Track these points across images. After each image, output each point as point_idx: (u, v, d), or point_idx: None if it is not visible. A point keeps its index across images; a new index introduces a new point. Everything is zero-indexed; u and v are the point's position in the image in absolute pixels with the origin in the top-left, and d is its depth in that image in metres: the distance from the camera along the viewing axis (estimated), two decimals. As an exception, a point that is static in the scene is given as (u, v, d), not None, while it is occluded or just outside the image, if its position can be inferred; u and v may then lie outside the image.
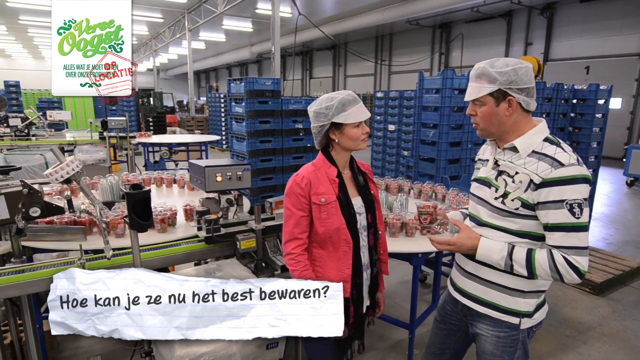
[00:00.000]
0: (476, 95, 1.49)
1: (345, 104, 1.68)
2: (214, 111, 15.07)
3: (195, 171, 2.74)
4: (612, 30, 12.97)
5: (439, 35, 18.32)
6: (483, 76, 1.47)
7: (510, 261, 1.45)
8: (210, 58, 29.47)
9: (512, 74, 1.43)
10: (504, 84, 1.44)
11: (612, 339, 3.39)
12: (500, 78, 1.44)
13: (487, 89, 1.46)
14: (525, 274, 1.44)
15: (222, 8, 13.16)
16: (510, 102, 1.46)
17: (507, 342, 1.58)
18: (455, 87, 4.01)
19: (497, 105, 1.47)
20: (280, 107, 4.65)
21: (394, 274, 4.38)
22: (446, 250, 1.59)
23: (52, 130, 8.14)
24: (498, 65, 1.45)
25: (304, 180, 1.71)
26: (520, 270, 1.45)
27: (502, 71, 1.44)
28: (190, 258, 2.43)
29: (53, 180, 2.00)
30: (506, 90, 1.45)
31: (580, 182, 1.36)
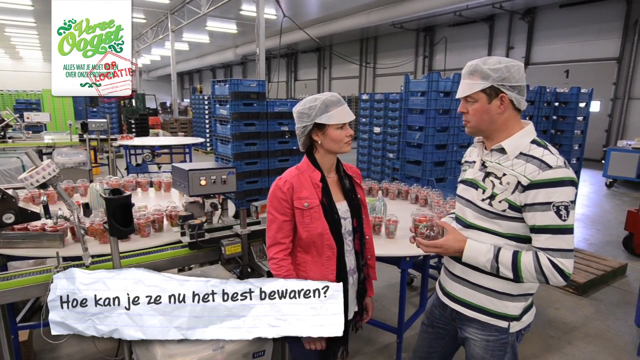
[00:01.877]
0: (469, 91, 1.49)
1: (328, 105, 1.66)
2: (198, 113, 14.91)
3: (178, 175, 2.68)
4: (591, 35, 13.29)
5: (423, 38, 18.51)
6: (476, 72, 1.47)
7: (497, 263, 1.45)
8: (194, 59, 29.19)
9: (505, 71, 1.43)
10: (496, 80, 1.44)
11: (596, 338, 3.43)
12: (494, 74, 1.44)
13: (480, 85, 1.46)
14: (511, 276, 1.44)
15: (206, 9, 13.05)
16: (503, 99, 1.46)
17: (497, 346, 1.57)
18: (441, 90, 4.02)
19: (490, 102, 1.47)
20: (265, 109, 4.59)
21: (381, 277, 4.34)
22: (433, 252, 1.57)
23: (29, 133, 7.93)
24: (491, 63, 1.45)
25: (287, 184, 1.68)
26: (506, 272, 1.44)
27: (495, 68, 1.44)
28: (174, 264, 2.36)
29: (28, 185, 1.92)
30: (499, 87, 1.44)
31: (567, 184, 1.37)
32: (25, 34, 20.52)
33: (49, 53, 27.10)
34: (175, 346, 1.72)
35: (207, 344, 1.76)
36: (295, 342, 1.74)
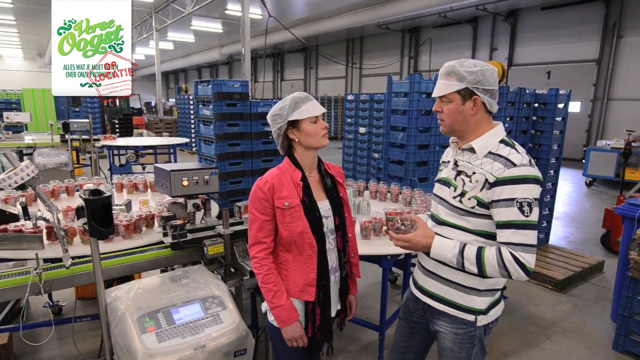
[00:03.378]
0: (444, 91, 1.54)
1: (297, 102, 1.71)
2: (183, 113, 14.79)
3: (160, 175, 2.67)
4: (571, 37, 13.57)
5: (408, 39, 18.67)
6: (452, 74, 1.52)
7: (462, 259, 1.50)
8: (179, 59, 28.93)
9: (479, 75, 1.49)
10: (471, 83, 1.49)
11: (574, 334, 3.53)
12: (469, 77, 1.49)
13: (455, 87, 1.51)
14: (476, 271, 1.49)
15: (191, 8, 12.96)
16: (475, 101, 1.52)
17: (465, 339, 1.63)
18: (423, 91, 4.07)
19: (463, 103, 1.52)
20: (249, 109, 4.59)
21: (365, 276, 4.39)
22: (402, 246, 1.62)
23: (9, 133, 7.79)
24: (467, 65, 1.51)
25: (267, 184, 1.70)
26: (470, 267, 1.49)
27: (470, 70, 1.49)
28: (156, 265, 2.36)
29: (6, 187, 1.91)
30: (473, 90, 1.50)
31: (531, 182, 1.42)
32: (5, 32, 20.10)
33: (29, 52, 26.47)
34: (156, 346, 1.73)
35: (188, 344, 1.77)
36: (277, 340, 1.76)
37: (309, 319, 1.73)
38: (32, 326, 3.22)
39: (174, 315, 1.88)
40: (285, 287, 1.72)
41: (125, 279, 2.44)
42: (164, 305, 1.92)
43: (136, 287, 2.03)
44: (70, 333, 3.19)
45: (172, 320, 1.86)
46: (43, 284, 1.96)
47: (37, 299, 3.66)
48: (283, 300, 1.68)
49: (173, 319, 1.86)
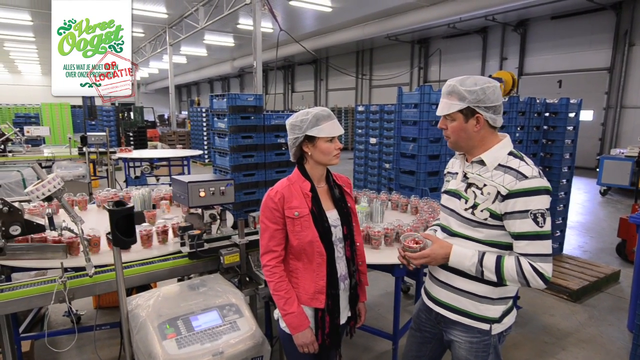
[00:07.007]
0: (447, 111, 1.59)
1: (319, 119, 1.75)
2: (196, 125, 15.01)
3: (178, 187, 2.75)
4: (582, 46, 13.52)
5: (418, 50, 18.76)
6: (453, 93, 1.56)
7: (481, 267, 1.53)
8: (191, 72, 29.42)
9: (480, 93, 1.52)
10: (472, 102, 1.53)
11: (589, 344, 3.49)
12: (470, 97, 1.53)
13: (457, 106, 1.55)
14: (495, 279, 1.52)
15: (204, 23, 13.23)
16: (478, 119, 1.55)
17: (480, 347, 1.65)
18: (433, 102, 4.12)
19: (466, 121, 1.56)
20: (262, 122, 4.69)
21: (377, 286, 4.42)
22: (423, 263, 1.66)
23: (29, 146, 8.00)
24: (468, 84, 1.54)
25: (278, 194, 1.76)
26: (490, 275, 1.53)
27: (471, 90, 1.53)
28: (174, 274, 2.42)
29: (34, 198, 1.99)
30: (474, 108, 1.54)
31: (542, 193, 1.47)
32: (25, 48, 20.67)
33: (47, 67, 27.06)
34: (176, 352, 1.78)
35: (206, 350, 1.82)
36: (290, 346, 1.81)
37: (318, 326, 1.78)
38: (56, 334, 3.31)
39: (193, 322, 1.93)
40: (296, 294, 1.77)
41: (143, 288, 2.51)
42: (183, 312, 1.97)
43: (156, 295, 2.09)
44: (88, 341, 3.27)
45: (191, 327, 1.91)
46: (67, 292, 2.03)
47: (56, 308, 3.75)
48: (294, 307, 1.73)
49: (192, 326, 1.91)
